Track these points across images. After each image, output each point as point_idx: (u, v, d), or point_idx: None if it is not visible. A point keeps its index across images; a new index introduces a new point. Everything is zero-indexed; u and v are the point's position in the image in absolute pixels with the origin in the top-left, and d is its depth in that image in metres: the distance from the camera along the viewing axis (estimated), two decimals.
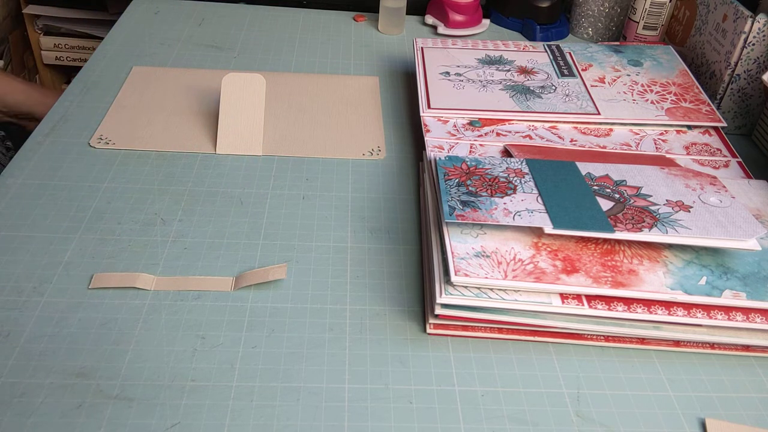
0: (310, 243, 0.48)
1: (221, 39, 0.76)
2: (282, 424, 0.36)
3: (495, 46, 0.69)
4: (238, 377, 0.39)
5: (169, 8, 0.81)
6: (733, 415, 0.39)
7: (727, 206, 0.45)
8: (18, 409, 0.36)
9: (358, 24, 0.82)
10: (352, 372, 0.40)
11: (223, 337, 0.41)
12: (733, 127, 0.66)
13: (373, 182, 0.55)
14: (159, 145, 0.57)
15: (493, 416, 0.38)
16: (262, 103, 0.58)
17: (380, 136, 0.61)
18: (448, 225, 0.43)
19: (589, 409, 0.38)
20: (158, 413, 0.36)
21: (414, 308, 0.44)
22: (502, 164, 0.49)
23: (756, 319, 0.40)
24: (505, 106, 0.60)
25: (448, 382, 0.39)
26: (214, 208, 0.51)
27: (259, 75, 0.58)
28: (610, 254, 0.43)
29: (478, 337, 0.42)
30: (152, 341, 0.40)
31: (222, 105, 0.58)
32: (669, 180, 0.48)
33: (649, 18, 0.74)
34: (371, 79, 0.70)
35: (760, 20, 0.60)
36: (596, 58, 0.67)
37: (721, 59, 0.64)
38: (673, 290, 0.40)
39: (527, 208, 0.44)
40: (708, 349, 0.42)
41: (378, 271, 0.47)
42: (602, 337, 0.42)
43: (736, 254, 0.43)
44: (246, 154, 0.57)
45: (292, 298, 0.44)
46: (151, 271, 0.45)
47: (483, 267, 0.41)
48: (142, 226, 0.48)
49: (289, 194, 0.53)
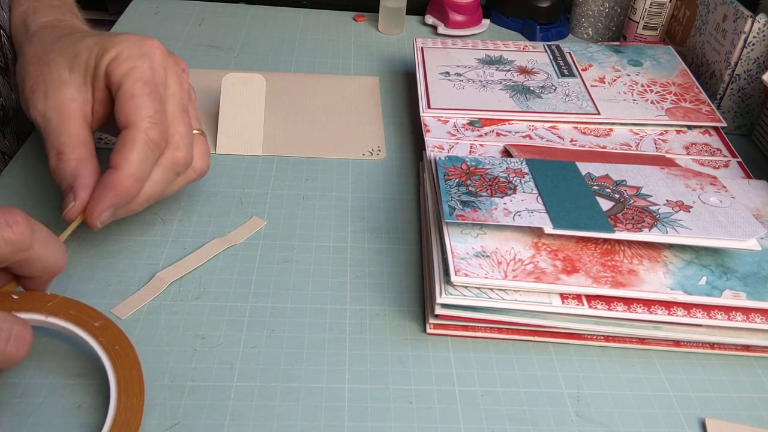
0: (310, 243, 0.48)
1: (221, 39, 0.76)
2: (282, 424, 0.36)
3: (495, 46, 0.69)
4: (238, 377, 0.39)
5: (169, 8, 0.81)
6: (733, 415, 0.39)
7: (727, 206, 0.45)
8: (18, 409, 0.36)
9: (358, 24, 0.82)
10: (352, 372, 0.40)
11: (223, 337, 0.41)
12: (733, 127, 0.66)
13: (373, 182, 0.55)
14: None
15: (493, 416, 0.38)
16: (262, 103, 0.58)
17: (380, 136, 0.61)
18: (448, 225, 0.43)
19: (589, 409, 0.38)
20: (158, 413, 0.36)
21: (414, 308, 0.44)
22: (502, 164, 0.49)
23: (756, 319, 0.40)
24: (505, 106, 0.60)
25: (448, 382, 0.39)
26: (214, 208, 0.51)
27: (259, 75, 0.58)
28: (610, 254, 0.43)
29: (478, 337, 0.42)
30: (152, 341, 0.40)
31: (222, 105, 0.58)
32: (669, 180, 0.48)
33: (649, 18, 0.74)
34: (371, 79, 0.70)
35: (760, 20, 0.60)
36: (596, 58, 0.67)
37: (721, 59, 0.64)
38: (673, 290, 0.40)
39: (527, 208, 0.44)
40: (708, 349, 0.42)
41: (378, 271, 0.47)
42: (602, 337, 0.42)
43: (736, 254, 0.43)
44: (246, 154, 0.57)
45: (292, 298, 0.44)
46: (151, 270, 0.45)
47: (483, 267, 0.41)
48: (141, 226, 0.48)
49: (289, 194, 0.53)
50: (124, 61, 0.42)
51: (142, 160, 0.41)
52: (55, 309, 0.38)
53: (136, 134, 0.41)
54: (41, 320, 0.37)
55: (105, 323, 0.38)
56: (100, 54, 0.43)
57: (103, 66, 0.43)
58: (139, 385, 0.36)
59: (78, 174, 0.41)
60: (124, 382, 0.36)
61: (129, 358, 0.37)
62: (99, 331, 0.38)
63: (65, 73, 0.43)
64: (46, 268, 0.37)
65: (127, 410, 0.35)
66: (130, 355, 0.37)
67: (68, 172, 0.41)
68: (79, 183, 0.41)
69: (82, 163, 0.42)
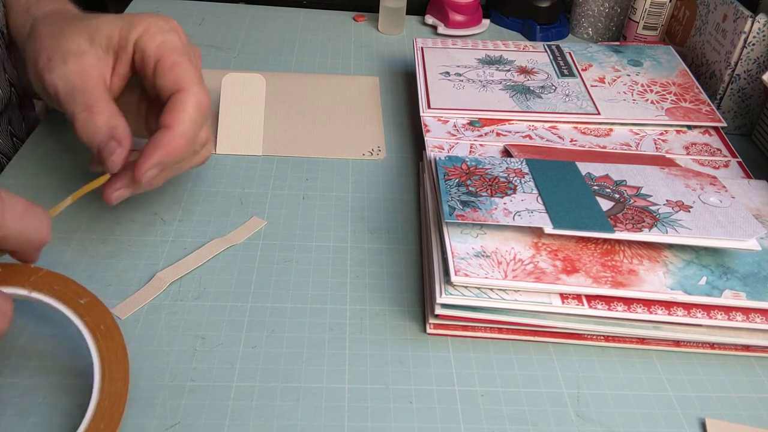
0: (310, 243, 0.48)
1: (221, 39, 0.76)
2: (282, 424, 0.36)
3: (495, 46, 0.69)
4: (238, 377, 0.39)
5: (169, 8, 0.81)
6: (733, 415, 0.39)
7: (727, 206, 0.45)
8: (18, 409, 0.36)
9: (358, 24, 0.82)
10: (352, 372, 0.40)
11: (223, 337, 0.41)
12: (733, 127, 0.66)
13: (373, 182, 0.55)
14: None
15: (493, 416, 0.38)
16: (262, 103, 0.58)
17: (380, 136, 0.61)
18: (448, 225, 0.43)
19: (589, 409, 0.38)
20: (158, 413, 0.36)
21: (414, 308, 0.44)
22: (502, 164, 0.49)
23: (756, 319, 0.40)
24: (505, 106, 0.60)
25: (448, 382, 0.39)
26: (214, 208, 0.51)
27: (259, 75, 0.58)
28: (610, 254, 0.43)
29: (478, 337, 0.42)
30: (152, 341, 0.40)
31: (222, 105, 0.58)
32: (669, 180, 0.48)
33: (649, 18, 0.74)
34: (371, 79, 0.70)
35: (760, 20, 0.60)
36: (596, 58, 0.67)
37: (721, 59, 0.64)
38: (673, 290, 0.40)
39: (527, 208, 0.44)
40: (708, 349, 0.42)
41: (378, 271, 0.47)
42: (602, 337, 0.42)
43: (736, 254, 0.43)
44: (246, 154, 0.57)
45: (292, 298, 0.44)
46: (151, 270, 0.45)
47: (483, 267, 0.41)
48: (141, 226, 0.48)
49: (289, 194, 0.53)
50: (155, 35, 0.43)
51: (194, 121, 0.42)
52: (38, 283, 0.37)
53: (187, 97, 0.42)
54: (24, 295, 0.36)
55: (91, 300, 0.37)
56: (127, 29, 0.43)
57: (132, 39, 0.43)
58: (123, 369, 0.34)
59: (115, 124, 0.41)
60: (109, 366, 0.34)
61: (114, 340, 0.35)
62: (84, 310, 0.36)
63: (85, 45, 0.43)
64: (27, 241, 0.36)
65: (110, 396, 0.33)
66: (116, 336, 0.36)
67: (103, 122, 0.41)
68: (119, 132, 0.41)
69: (115, 116, 0.42)
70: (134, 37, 0.43)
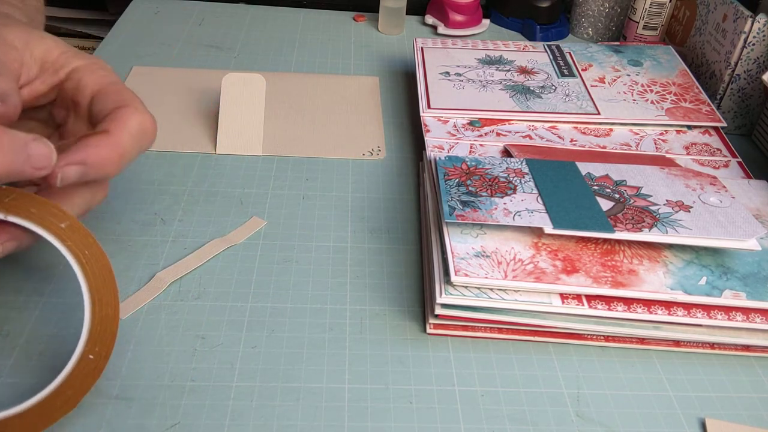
0: (310, 243, 0.48)
1: (221, 39, 0.76)
2: (282, 424, 0.36)
3: (495, 46, 0.69)
4: (238, 377, 0.39)
5: (169, 8, 0.81)
6: (733, 415, 0.39)
7: (727, 206, 0.45)
8: None
9: (358, 24, 0.82)
10: (352, 372, 0.40)
11: (223, 337, 0.41)
12: (733, 127, 0.66)
13: (373, 182, 0.55)
14: (159, 145, 0.57)
15: (493, 416, 0.38)
16: (262, 103, 0.58)
17: (380, 136, 0.61)
18: (448, 225, 0.43)
19: (589, 409, 0.38)
20: (158, 413, 0.36)
21: (414, 308, 0.44)
22: (502, 164, 0.49)
23: (756, 319, 0.40)
24: (505, 106, 0.60)
25: (448, 382, 0.39)
26: (214, 208, 0.51)
27: (259, 75, 0.58)
28: (610, 254, 0.43)
29: (478, 337, 0.42)
30: (152, 341, 0.40)
31: (222, 105, 0.58)
32: (669, 180, 0.48)
33: (649, 18, 0.74)
34: (371, 79, 0.70)
35: (760, 20, 0.60)
36: (596, 58, 0.67)
37: (721, 59, 0.64)
38: (673, 290, 0.40)
39: (527, 208, 0.44)
40: (708, 349, 0.42)
41: (378, 271, 0.47)
42: (602, 337, 0.42)
43: (736, 254, 0.43)
44: (246, 154, 0.57)
45: (292, 298, 0.44)
46: (151, 270, 0.45)
47: (483, 267, 0.41)
48: (141, 226, 0.48)
49: (289, 194, 0.53)
50: (96, 70, 0.42)
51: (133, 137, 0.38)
52: (14, 206, 0.34)
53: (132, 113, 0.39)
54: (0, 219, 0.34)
55: (72, 224, 0.35)
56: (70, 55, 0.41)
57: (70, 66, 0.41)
58: (112, 292, 0.33)
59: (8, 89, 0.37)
60: (97, 291, 0.33)
61: (99, 263, 0.34)
62: (66, 234, 0.34)
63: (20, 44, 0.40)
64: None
65: (103, 320, 0.32)
66: (101, 260, 0.34)
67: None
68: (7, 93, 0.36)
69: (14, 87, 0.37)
70: (74, 65, 0.41)
